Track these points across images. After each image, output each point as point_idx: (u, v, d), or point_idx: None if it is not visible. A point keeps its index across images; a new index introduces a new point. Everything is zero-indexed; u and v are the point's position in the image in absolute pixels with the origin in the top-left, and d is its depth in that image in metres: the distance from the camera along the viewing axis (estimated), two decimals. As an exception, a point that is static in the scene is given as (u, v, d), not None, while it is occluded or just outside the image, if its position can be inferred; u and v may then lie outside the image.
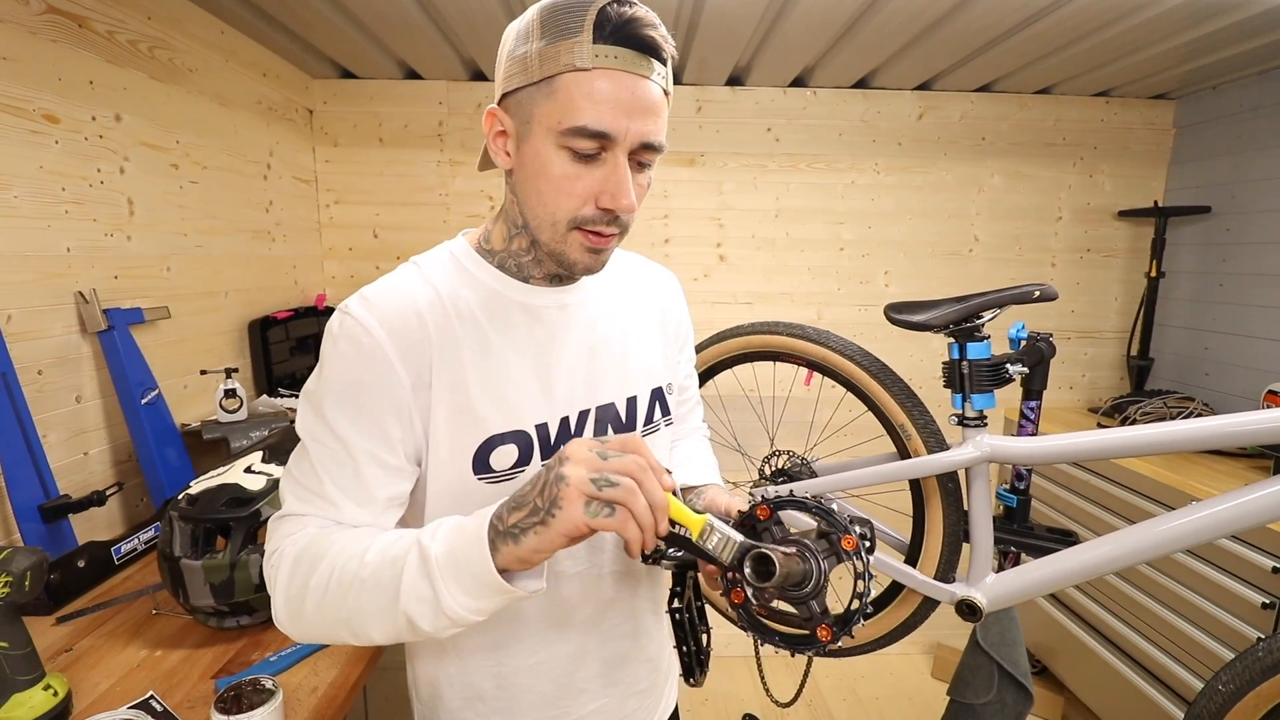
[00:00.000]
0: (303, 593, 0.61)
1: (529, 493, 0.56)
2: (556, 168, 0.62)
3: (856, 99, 2.35)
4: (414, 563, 0.57)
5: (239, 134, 1.82)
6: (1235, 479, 1.71)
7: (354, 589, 0.59)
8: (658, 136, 0.62)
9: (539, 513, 0.54)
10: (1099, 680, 1.95)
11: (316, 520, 0.66)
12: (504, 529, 0.55)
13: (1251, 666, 1.08)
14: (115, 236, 1.39)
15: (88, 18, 1.30)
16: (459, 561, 0.56)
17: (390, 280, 0.69)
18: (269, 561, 0.65)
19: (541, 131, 0.61)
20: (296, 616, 0.63)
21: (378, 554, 0.59)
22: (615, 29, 0.58)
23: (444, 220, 2.34)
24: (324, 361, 0.66)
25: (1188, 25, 1.69)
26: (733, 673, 2.47)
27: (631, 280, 0.84)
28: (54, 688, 0.84)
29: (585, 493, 0.53)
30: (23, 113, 1.17)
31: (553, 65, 0.59)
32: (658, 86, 0.62)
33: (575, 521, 0.53)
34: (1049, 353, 1.25)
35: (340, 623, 0.61)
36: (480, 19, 1.73)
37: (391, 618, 0.58)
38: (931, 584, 1.23)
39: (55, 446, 1.24)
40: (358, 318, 0.64)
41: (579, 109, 0.59)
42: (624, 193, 0.62)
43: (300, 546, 0.63)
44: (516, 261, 0.72)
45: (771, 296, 2.45)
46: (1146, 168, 2.43)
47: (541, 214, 0.65)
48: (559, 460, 0.56)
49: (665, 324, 0.86)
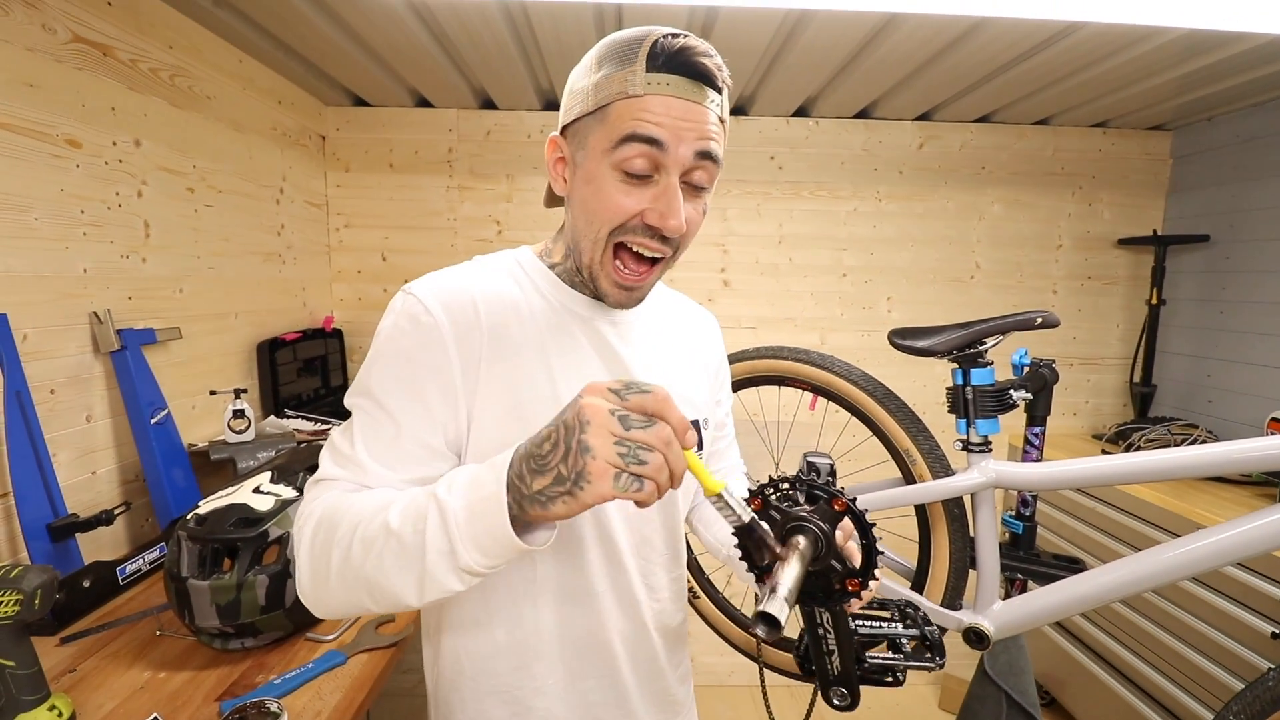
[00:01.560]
0: (326, 553, 0.61)
1: (550, 456, 0.53)
2: (608, 185, 0.64)
3: (858, 129, 2.39)
4: (434, 518, 0.56)
5: (253, 159, 1.86)
6: (1241, 506, 1.71)
7: (376, 546, 0.58)
8: (711, 148, 0.63)
9: (564, 482, 0.52)
10: (1107, 711, 1.92)
11: (344, 484, 0.66)
12: (529, 494, 0.53)
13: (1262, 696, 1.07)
14: (131, 258, 1.41)
15: (112, 47, 1.34)
16: (476, 521, 0.55)
17: (454, 270, 0.72)
18: (297, 526, 0.66)
19: (595, 155, 0.64)
20: (319, 580, 0.62)
21: (399, 512, 0.58)
22: (668, 58, 0.61)
23: (451, 244, 2.37)
24: (380, 335, 0.68)
25: (1183, 59, 1.73)
26: (737, 703, 2.44)
27: (678, 314, 0.87)
28: (59, 708, 0.84)
29: (613, 465, 0.51)
30: (46, 137, 1.20)
31: (607, 94, 0.62)
32: (712, 112, 0.63)
33: (603, 495, 0.51)
34: (1052, 378, 1.26)
35: (361, 584, 0.59)
36: (491, 49, 1.78)
37: (413, 576, 0.57)
38: (939, 611, 1.22)
39: (64, 465, 1.25)
40: (419, 296, 0.67)
41: (629, 123, 0.61)
42: (673, 212, 0.63)
43: (326, 507, 0.63)
44: (571, 280, 0.75)
45: (775, 322, 2.47)
46: (1145, 197, 2.46)
47: (587, 231, 0.67)
48: (578, 420, 0.52)
49: (708, 362, 0.89)
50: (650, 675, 0.82)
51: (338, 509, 0.62)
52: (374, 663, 1.05)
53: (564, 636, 0.75)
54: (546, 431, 0.54)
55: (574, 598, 0.75)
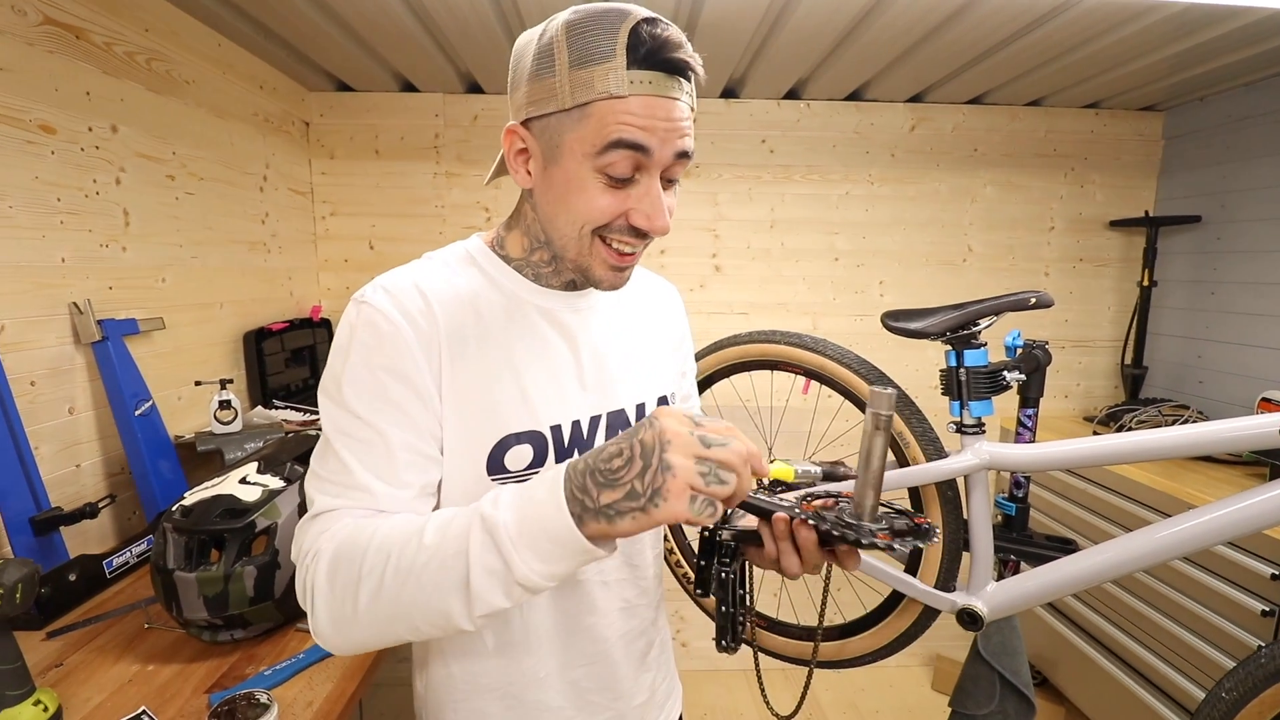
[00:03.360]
0: (353, 587, 0.56)
1: (621, 472, 0.51)
2: (591, 190, 0.62)
3: (850, 111, 2.37)
4: (479, 535, 0.53)
5: (235, 146, 1.82)
6: (1231, 486, 1.72)
7: (414, 574, 0.54)
8: (688, 145, 0.63)
9: (638, 498, 0.50)
10: (1100, 690, 1.94)
11: (353, 511, 0.61)
12: (594, 507, 0.51)
13: (1255, 673, 1.08)
14: (110, 247, 1.38)
15: (85, 29, 1.30)
16: (534, 529, 0.52)
17: (404, 270, 0.70)
18: (303, 565, 0.60)
19: (575, 156, 0.61)
20: (345, 618, 0.58)
21: (435, 532, 0.55)
22: (649, 53, 0.57)
23: (440, 232, 2.35)
24: (343, 351, 0.65)
25: (1175, 38, 1.72)
26: (732, 688, 2.45)
27: (636, 290, 0.85)
28: (44, 703, 0.83)
29: (693, 486, 0.50)
30: (19, 123, 1.17)
31: (586, 92, 0.58)
32: (687, 105, 0.62)
33: (678, 515, 0.50)
34: (1045, 360, 1.26)
35: (398, 615, 0.56)
36: (477, 32, 1.74)
37: (459, 598, 0.53)
38: (932, 593, 1.22)
39: (47, 458, 1.23)
40: (376, 305, 0.64)
41: (614, 128, 0.58)
42: (658, 213, 0.63)
43: (341, 539, 0.59)
44: (535, 270, 0.73)
45: (767, 307, 2.46)
46: (1137, 178, 2.45)
47: (568, 231, 0.65)
48: (658, 441, 0.51)
49: (670, 335, 0.88)
50: (638, 652, 0.83)
51: (355, 542, 0.58)
52: (366, 653, 1.04)
53: (553, 628, 0.75)
54: (616, 448, 0.53)
55: (560, 588, 0.74)
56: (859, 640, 1.32)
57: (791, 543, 0.63)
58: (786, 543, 0.63)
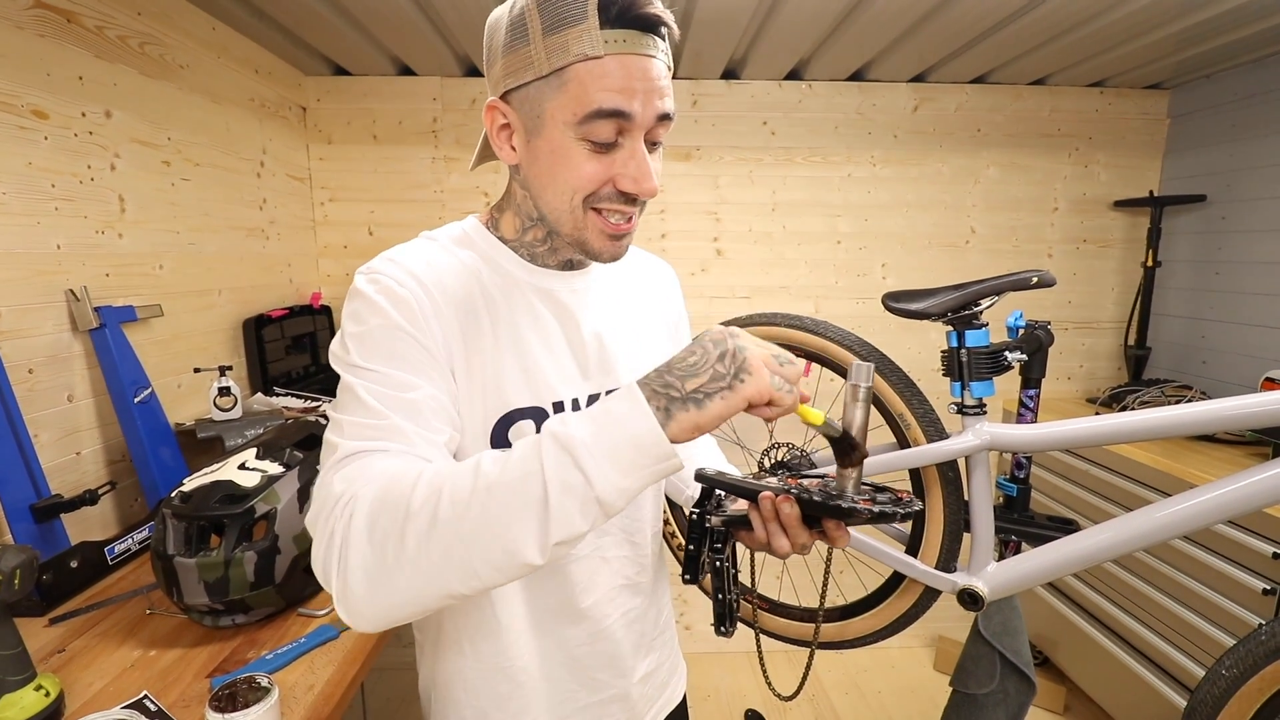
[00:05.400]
0: (399, 527, 0.50)
1: (699, 363, 0.53)
2: (576, 157, 0.62)
3: (852, 92, 2.34)
4: (552, 450, 0.50)
5: (231, 131, 1.81)
6: (1233, 465, 1.71)
7: (476, 502, 0.50)
8: (669, 106, 0.63)
9: (723, 378, 0.52)
10: (1100, 669, 1.95)
11: (388, 454, 0.56)
12: (683, 395, 0.51)
13: (1255, 651, 1.08)
14: (106, 234, 1.37)
15: (76, 13, 1.28)
16: (610, 434, 0.50)
17: (408, 247, 0.70)
18: (333, 514, 0.54)
19: (557, 125, 0.61)
20: (385, 568, 0.51)
21: (496, 460, 0.52)
22: (620, 11, 0.57)
23: (439, 217, 2.33)
24: (357, 317, 0.62)
25: (1180, 13, 1.69)
26: (735, 669, 2.47)
27: (633, 270, 0.85)
28: (46, 688, 0.83)
29: (768, 365, 0.53)
30: (11, 108, 1.15)
31: (562, 57, 0.58)
32: (663, 63, 0.62)
33: (763, 389, 0.52)
34: (1047, 340, 1.25)
35: (451, 558, 0.50)
36: (474, 13, 1.72)
37: (533, 522, 0.49)
38: (933, 574, 1.22)
39: (47, 446, 1.23)
40: (386, 272, 0.64)
41: (595, 96, 0.58)
42: (645, 176, 0.63)
43: (383, 481, 0.53)
44: (530, 250, 0.73)
45: (769, 290, 2.45)
46: (1141, 158, 2.43)
47: (559, 204, 0.65)
48: (726, 335, 0.55)
49: (666, 314, 0.89)
50: (641, 631, 0.84)
51: (400, 479, 0.53)
52: (367, 637, 1.04)
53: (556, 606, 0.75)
54: (686, 352, 0.55)
55: (552, 568, 0.74)
56: (860, 621, 1.32)
57: (779, 522, 0.64)
58: (775, 523, 0.64)
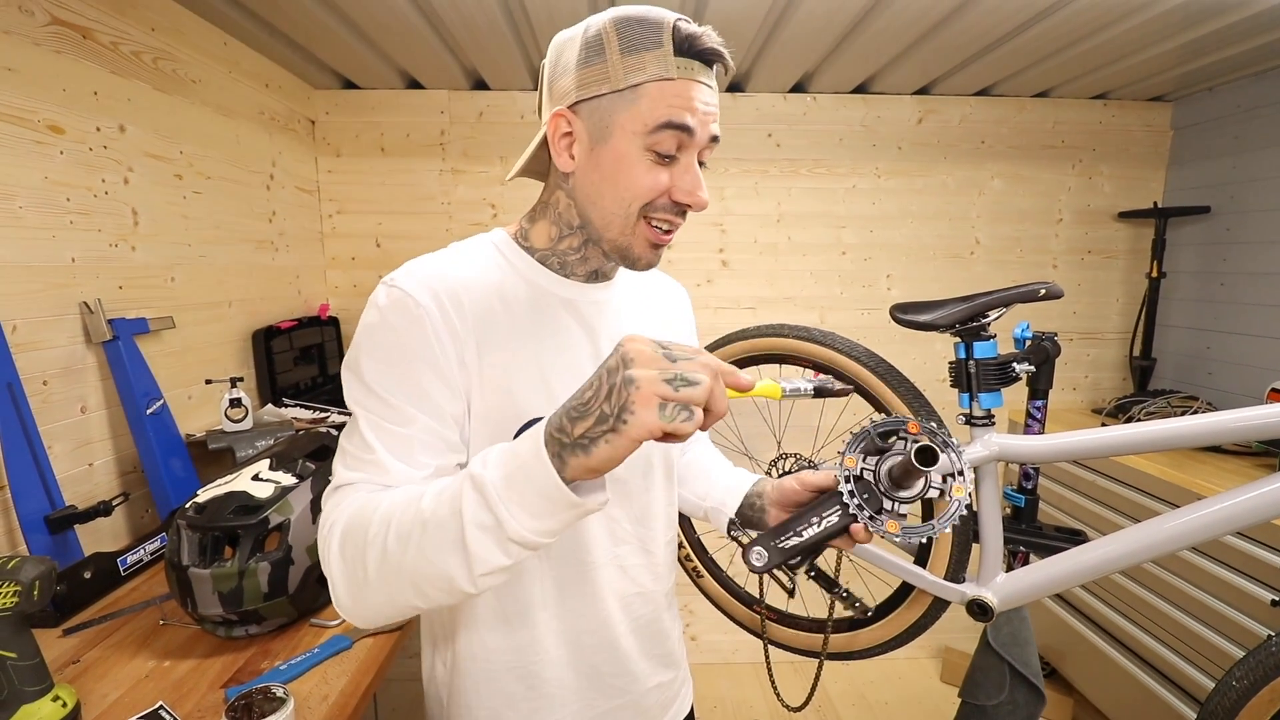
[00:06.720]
0: (360, 556, 0.58)
1: (591, 401, 0.51)
2: (639, 166, 0.66)
3: (856, 104, 2.36)
4: (470, 494, 0.53)
5: (242, 144, 1.83)
6: (1240, 477, 1.71)
7: (414, 537, 0.56)
8: (718, 131, 0.70)
9: (607, 420, 0.50)
10: (1109, 681, 1.94)
11: (364, 486, 0.64)
12: (570, 441, 0.51)
13: (1265, 662, 1.08)
14: (120, 247, 1.39)
15: (92, 29, 1.30)
16: (519, 482, 0.52)
17: (432, 258, 0.72)
18: (322, 536, 0.63)
19: (625, 135, 0.66)
20: (358, 586, 0.60)
21: (433, 497, 0.56)
22: (690, 43, 0.64)
23: (446, 229, 2.35)
24: (369, 331, 0.67)
25: (1183, 28, 1.70)
26: (742, 680, 2.46)
27: (650, 285, 0.89)
28: (63, 699, 0.84)
29: (660, 395, 0.49)
30: (27, 123, 1.17)
31: (638, 74, 0.64)
32: (716, 92, 0.69)
33: (650, 426, 0.49)
34: (1054, 351, 1.25)
35: (405, 579, 0.57)
36: (483, 28, 1.74)
37: (458, 558, 0.54)
38: (942, 584, 1.23)
39: (60, 457, 1.23)
40: (404, 288, 0.66)
41: (665, 110, 0.64)
42: (699, 188, 0.69)
43: (352, 511, 0.61)
44: (561, 260, 0.76)
45: (774, 301, 2.46)
46: (1145, 169, 2.44)
47: (614, 209, 0.69)
48: (621, 362, 0.51)
49: (680, 332, 0.92)
50: (651, 638, 0.85)
51: (363, 511, 0.60)
52: (380, 647, 1.05)
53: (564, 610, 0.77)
54: (587, 382, 0.53)
55: (576, 574, 0.77)
56: (869, 632, 1.32)
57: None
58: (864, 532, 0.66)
